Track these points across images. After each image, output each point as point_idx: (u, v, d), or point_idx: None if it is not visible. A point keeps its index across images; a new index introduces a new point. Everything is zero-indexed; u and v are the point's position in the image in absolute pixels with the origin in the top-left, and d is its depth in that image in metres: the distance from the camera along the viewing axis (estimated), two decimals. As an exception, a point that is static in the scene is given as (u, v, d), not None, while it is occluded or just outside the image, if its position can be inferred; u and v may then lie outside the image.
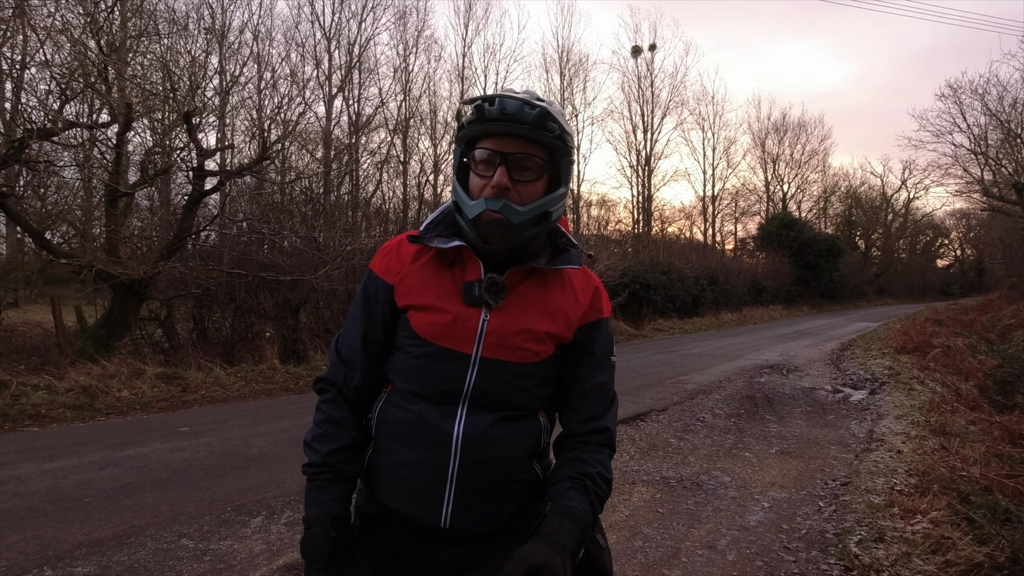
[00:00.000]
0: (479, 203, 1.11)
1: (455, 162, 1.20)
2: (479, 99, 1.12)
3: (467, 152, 1.16)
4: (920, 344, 11.41)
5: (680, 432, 5.91)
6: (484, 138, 1.12)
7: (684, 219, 34.99)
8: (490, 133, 1.11)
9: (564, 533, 1.03)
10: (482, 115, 1.10)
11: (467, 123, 1.13)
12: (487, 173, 1.12)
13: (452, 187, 1.20)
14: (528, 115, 1.08)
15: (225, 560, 3.01)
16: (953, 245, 52.58)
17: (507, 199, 1.10)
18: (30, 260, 12.25)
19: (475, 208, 1.11)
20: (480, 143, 1.13)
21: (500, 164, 1.10)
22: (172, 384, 7.33)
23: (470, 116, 1.13)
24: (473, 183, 1.15)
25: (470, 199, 1.13)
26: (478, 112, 1.11)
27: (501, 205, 1.09)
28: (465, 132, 1.14)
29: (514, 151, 1.11)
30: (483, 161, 1.12)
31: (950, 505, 3.65)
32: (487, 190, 1.11)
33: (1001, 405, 7.72)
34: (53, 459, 4.55)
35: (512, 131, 1.09)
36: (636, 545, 3.37)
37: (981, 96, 22.61)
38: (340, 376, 1.22)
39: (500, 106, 1.08)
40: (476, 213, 1.11)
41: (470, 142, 1.15)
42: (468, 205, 1.13)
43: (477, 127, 1.11)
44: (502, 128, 1.09)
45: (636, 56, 29.98)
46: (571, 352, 1.22)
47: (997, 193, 23.88)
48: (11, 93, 8.81)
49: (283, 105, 11.57)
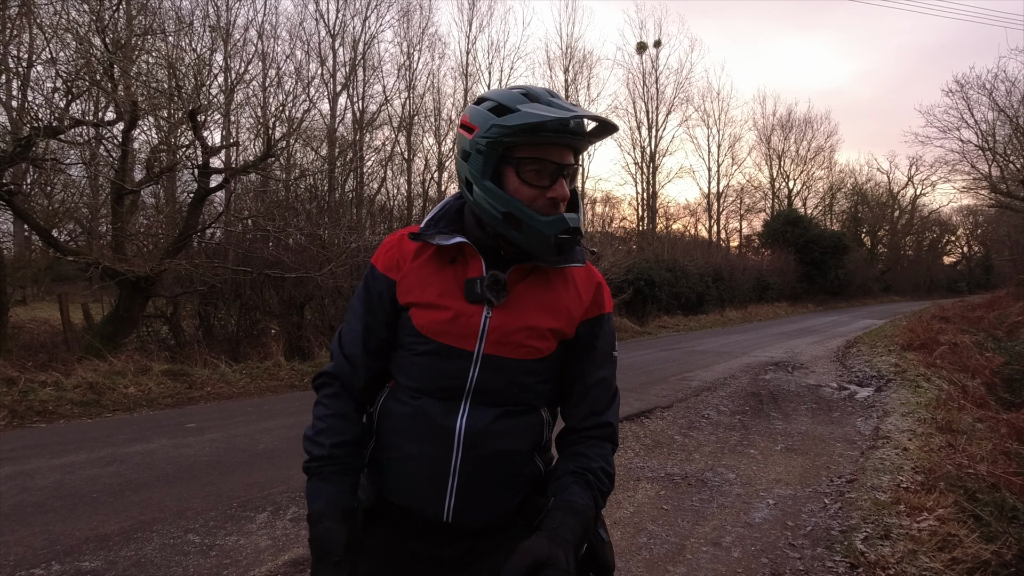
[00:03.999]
0: (558, 219, 1.10)
1: (488, 166, 1.11)
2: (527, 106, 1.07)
3: (503, 156, 1.11)
4: (926, 341, 11.35)
5: (685, 429, 5.90)
6: (534, 146, 1.09)
7: (689, 216, 34.87)
8: (546, 143, 1.09)
9: (567, 528, 1.03)
10: (542, 126, 1.06)
11: (519, 131, 1.06)
12: (540, 183, 1.10)
13: (491, 195, 1.11)
14: (582, 127, 1.09)
15: (231, 555, 3.02)
16: (960, 242, 52.29)
17: (560, 210, 1.12)
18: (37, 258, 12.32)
19: (554, 225, 1.09)
20: (528, 151, 1.09)
21: (559, 176, 1.11)
22: (178, 381, 7.36)
23: (519, 123, 1.06)
24: (521, 191, 1.10)
25: (536, 213, 1.09)
26: (542, 123, 1.06)
27: (576, 221, 1.11)
28: (513, 140, 1.08)
29: (568, 162, 1.12)
30: (535, 170, 1.10)
31: (957, 502, 3.64)
32: (541, 202, 1.10)
33: (1008, 402, 7.67)
34: (60, 455, 4.58)
35: (569, 143, 1.10)
36: (641, 541, 3.37)
37: (989, 91, 22.44)
38: (344, 371, 1.21)
39: (564, 121, 1.06)
40: (557, 230, 1.10)
41: (507, 147, 1.10)
42: (543, 222, 1.09)
43: (530, 137, 1.07)
44: (564, 140, 1.09)
45: (641, 52, 29.85)
46: (573, 348, 1.21)
47: (1005, 189, 23.70)
48: (18, 91, 8.86)
49: (288, 102, 11.61)
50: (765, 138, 37.44)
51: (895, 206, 43.76)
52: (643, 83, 29.60)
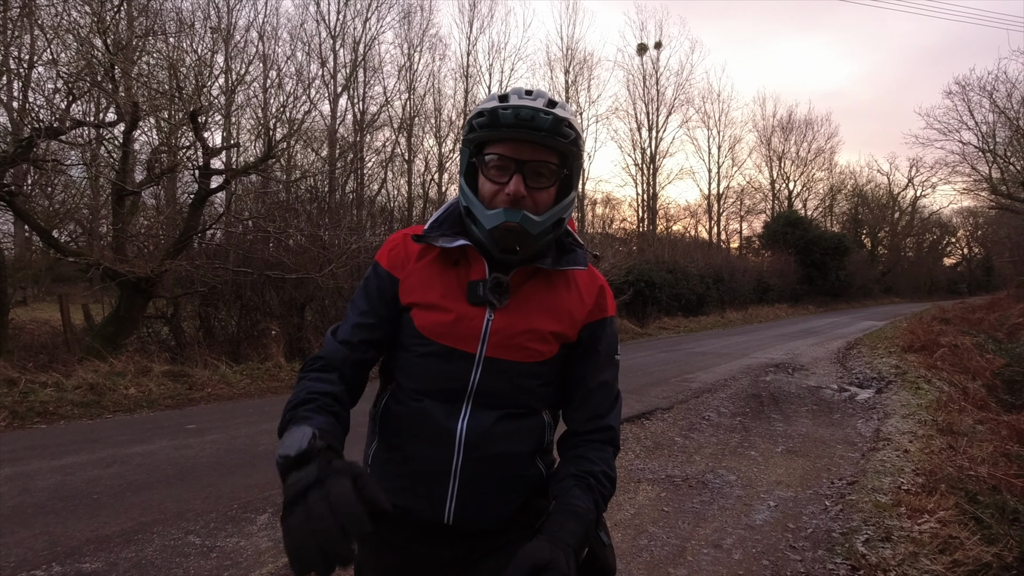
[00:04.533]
0: (497, 213, 1.09)
1: (463, 164, 1.16)
2: (492, 104, 1.08)
3: (476, 155, 1.13)
4: (927, 343, 11.35)
5: (685, 431, 5.90)
6: (496, 143, 1.10)
7: (689, 217, 34.92)
8: (503, 138, 1.08)
9: (568, 531, 1.02)
10: (495, 120, 1.07)
11: (479, 126, 1.09)
12: (500, 179, 1.10)
13: (460, 190, 1.17)
14: (544, 121, 1.05)
15: (231, 557, 3.02)
16: (960, 243, 52.27)
17: (522, 207, 1.09)
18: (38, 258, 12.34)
19: (493, 219, 1.09)
20: (492, 147, 1.10)
21: (515, 172, 1.08)
22: (179, 382, 7.36)
23: (481, 120, 1.09)
24: (484, 188, 1.12)
25: (485, 207, 1.11)
26: (491, 117, 1.07)
27: (520, 217, 1.08)
28: (476, 136, 1.11)
29: (530, 158, 1.09)
30: (495, 167, 1.10)
31: (958, 504, 3.63)
32: (500, 197, 1.09)
33: (1009, 404, 7.67)
34: (61, 456, 4.58)
35: (528, 137, 1.07)
36: (642, 543, 3.37)
37: (989, 93, 22.48)
38: (333, 353, 1.17)
39: (515, 112, 1.05)
40: (494, 224, 1.09)
41: (479, 145, 1.12)
42: (485, 215, 1.10)
43: (489, 132, 1.08)
44: (517, 135, 1.07)
45: (642, 54, 29.91)
46: (575, 351, 1.21)
47: (1005, 191, 23.71)
48: (19, 92, 8.87)
49: (288, 104, 11.65)
50: (765, 140, 37.50)
51: (895, 208, 43.77)
52: (643, 84, 29.69)
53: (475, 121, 1.11)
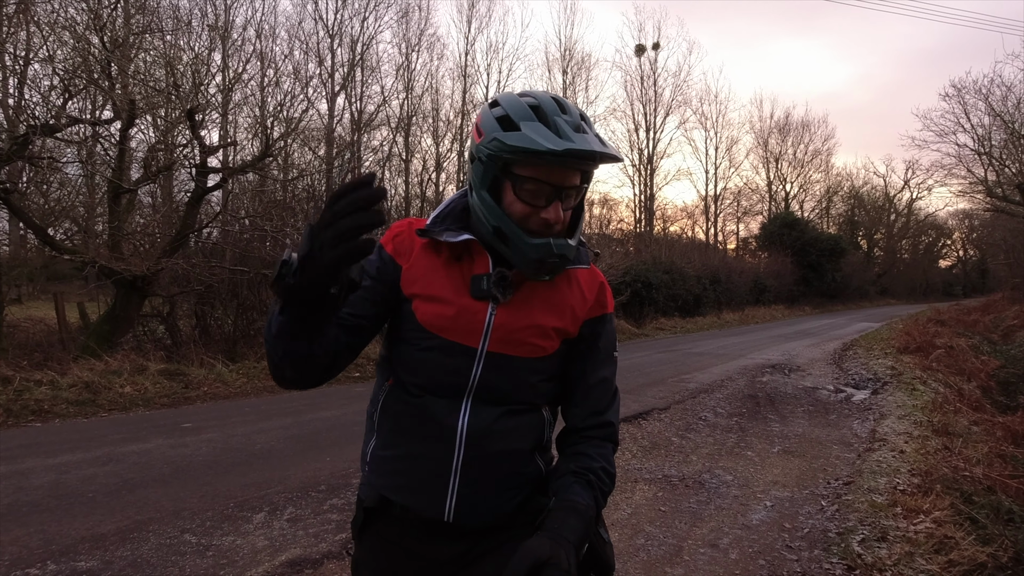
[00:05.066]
0: (544, 244, 1.07)
1: (487, 177, 1.10)
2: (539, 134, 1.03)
3: (503, 170, 1.09)
4: (923, 344, 11.39)
5: (682, 431, 5.91)
6: (531, 166, 1.06)
7: (686, 218, 34.97)
8: (545, 163, 1.05)
9: (568, 528, 1.02)
10: (538, 153, 1.03)
11: (521, 151, 1.03)
12: (536, 202, 1.08)
13: (484, 206, 1.11)
14: (587, 152, 1.03)
15: (227, 556, 3.01)
16: (956, 246, 52.52)
17: (556, 232, 1.10)
18: (33, 256, 12.30)
19: (539, 249, 1.08)
20: (526, 169, 1.07)
21: (555, 199, 1.08)
22: (175, 380, 7.34)
23: (516, 144, 1.03)
24: (515, 208, 1.09)
25: (518, 228, 1.08)
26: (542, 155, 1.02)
27: (563, 246, 1.09)
28: (512, 158, 1.06)
29: (568, 184, 1.08)
30: (531, 190, 1.08)
31: (953, 505, 3.65)
32: (535, 220, 1.08)
33: (1004, 406, 7.70)
34: (56, 454, 4.56)
35: (572, 166, 1.07)
36: (638, 543, 3.37)
37: (985, 96, 22.52)
38: None
39: (573, 154, 1.02)
40: (541, 255, 1.08)
41: (508, 162, 1.08)
42: (529, 243, 1.08)
43: (531, 157, 1.04)
44: (563, 163, 1.05)
45: (640, 55, 29.93)
46: (576, 347, 1.22)
47: (1001, 194, 23.80)
48: (15, 89, 8.83)
49: (286, 102, 11.60)
50: (762, 141, 37.58)
51: (891, 209, 43.95)
52: (641, 85, 29.71)
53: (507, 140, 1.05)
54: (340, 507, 3.67)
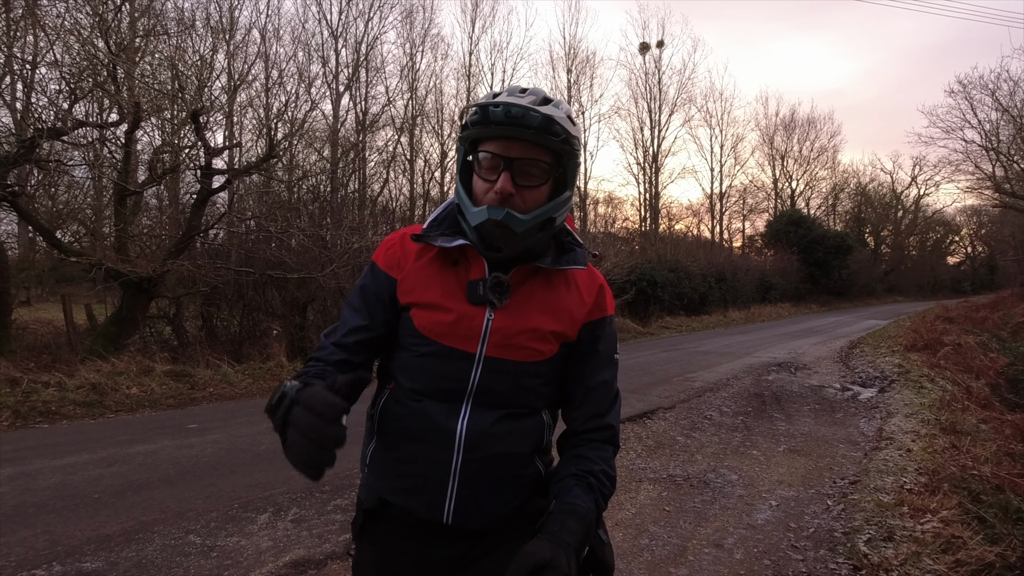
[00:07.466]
0: (481, 211, 1.09)
1: (458, 162, 1.17)
2: (484, 101, 1.09)
3: (471, 152, 1.14)
4: (930, 342, 11.31)
5: (687, 430, 5.89)
6: (488, 140, 1.10)
7: (691, 216, 34.79)
8: (495, 136, 1.08)
9: (569, 531, 1.02)
10: (486, 118, 1.07)
11: (471, 124, 1.10)
12: (491, 177, 1.10)
13: (455, 188, 1.18)
14: (534, 119, 1.05)
15: (232, 556, 3.02)
16: (964, 242, 52.11)
17: (511, 205, 1.08)
18: (41, 259, 12.37)
19: (477, 216, 1.09)
20: (484, 145, 1.11)
21: (504, 169, 1.08)
22: (181, 381, 7.37)
23: (474, 117, 1.10)
24: (477, 186, 1.13)
25: (473, 204, 1.12)
26: (482, 114, 1.08)
27: (504, 215, 1.07)
28: (468, 133, 1.11)
29: (519, 156, 1.08)
30: (487, 165, 1.10)
31: (961, 504, 3.62)
32: (490, 195, 1.09)
33: (1013, 403, 7.63)
34: (63, 455, 4.59)
35: (517, 135, 1.07)
36: (643, 543, 3.36)
37: (992, 91, 22.31)
38: (332, 356, 1.16)
39: (505, 109, 1.05)
40: (479, 221, 1.09)
41: (474, 143, 1.13)
42: (471, 212, 1.11)
43: (481, 129, 1.09)
44: (507, 132, 1.07)
45: (644, 53, 29.82)
46: (575, 350, 1.21)
47: (1009, 189, 23.59)
48: (22, 93, 8.89)
49: (290, 103, 11.63)
50: (768, 138, 37.39)
51: (899, 206, 43.65)
52: (646, 83, 29.60)
53: (468, 119, 1.11)
54: (344, 508, 3.68)
